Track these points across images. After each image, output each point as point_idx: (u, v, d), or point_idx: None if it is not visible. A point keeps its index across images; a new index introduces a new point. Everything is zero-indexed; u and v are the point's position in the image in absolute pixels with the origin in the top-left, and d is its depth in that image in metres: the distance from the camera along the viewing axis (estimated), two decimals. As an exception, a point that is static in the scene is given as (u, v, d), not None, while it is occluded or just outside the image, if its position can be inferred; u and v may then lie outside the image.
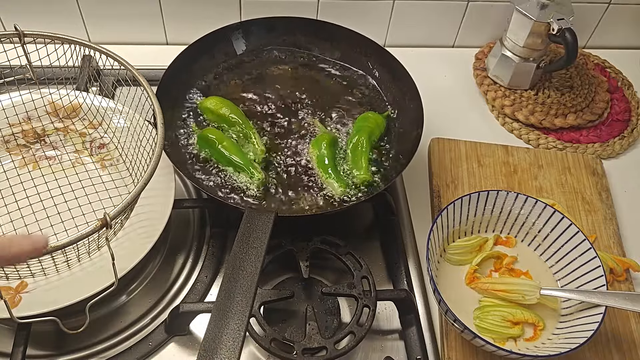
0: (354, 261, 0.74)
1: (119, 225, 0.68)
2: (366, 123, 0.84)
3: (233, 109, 0.84)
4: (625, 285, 0.81)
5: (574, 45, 0.92)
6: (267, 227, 0.64)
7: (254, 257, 0.61)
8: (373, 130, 0.84)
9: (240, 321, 0.55)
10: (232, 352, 0.53)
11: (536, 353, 0.68)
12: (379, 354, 0.73)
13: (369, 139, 0.82)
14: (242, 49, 0.95)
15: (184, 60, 0.87)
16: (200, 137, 0.82)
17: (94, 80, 0.90)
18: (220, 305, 0.57)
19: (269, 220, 0.65)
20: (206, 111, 0.85)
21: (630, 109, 1.05)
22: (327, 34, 0.94)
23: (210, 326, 0.55)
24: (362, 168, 0.80)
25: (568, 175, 0.92)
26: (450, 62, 1.10)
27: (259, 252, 0.61)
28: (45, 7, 1.00)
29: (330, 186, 0.79)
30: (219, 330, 0.55)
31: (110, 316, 0.73)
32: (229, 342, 0.54)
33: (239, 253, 0.61)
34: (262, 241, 0.63)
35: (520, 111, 1.01)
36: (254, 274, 0.59)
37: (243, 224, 0.65)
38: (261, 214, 0.66)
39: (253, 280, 0.59)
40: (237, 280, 0.59)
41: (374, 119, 0.85)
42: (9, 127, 0.82)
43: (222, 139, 0.81)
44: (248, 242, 0.63)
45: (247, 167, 0.78)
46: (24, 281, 0.68)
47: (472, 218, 0.80)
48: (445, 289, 0.75)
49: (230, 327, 0.55)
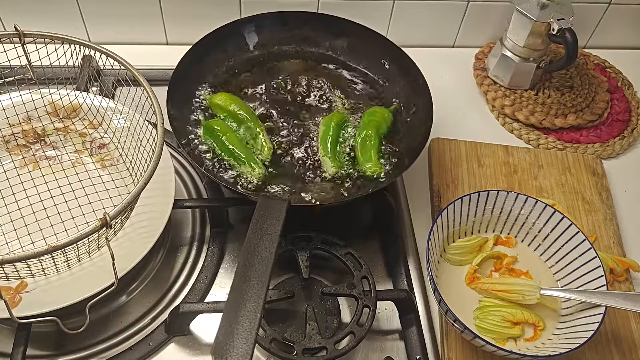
0: (354, 261, 0.74)
1: (119, 225, 0.68)
2: (373, 117, 0.86)
3: (242, 106, 0.85)
4: (625, 285, 0.81)
5: (574, 45, 0.92)
6: (281, 214, 0.66)
7: (268, 243, 0.63)
8: (380, 123, 0.85)
9: (256, 303, 0.57)
10: (249, 332, 0.55)
11: (536, 353, 0.68)
12: (379, 354, 0.73)
13: (377, 132, 0.84)
14: (253, 42, 0.95)
15: (195, 55, 0.87)
16: (205, 127, 0.83)
17: (94, 80, 0.90)
18: (236, 287, 0.58)
19: (282, 207, 0.66)
20: (215, 107, 0.86)
21: (630, 109, 1.05)
22: (338, 29, 0.95)
23: (227, 308, 0.57)
24: (372, 161, 0.81)
25: (568, 175, 0.92)
26: (450, 62, 1.10)
27: (273, 238, 0.63)
28: (45, 7, 1.00)
29: (324, 164, 0.81)
30: (236, 314, 0.56)
31: (110, 316, 0.73)
32: (246, 323, 0.55)
33: (254, 239, 0.63)
34: (276, 227, 0.64)
35: (521, 111, 1.01)
36: (268, 259, 0.61)
37: (257, 211, 0.66)
38: (275, 201, 0.68)
39: (268, 264, 0.60)
40: (252, 265, 0.60)
41: (380, 113, 0.86)
42: (9, 127, 0.82)
43: (227, 130, 0.82)
44: (262, 228, 0.64)
45: (248, 161, 0.79)
46: (24, 281, 0.68)
47: (472, 218, 0.80)
48: (445, 289, 0.75)
49: (247, 308, 0.56)
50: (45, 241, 0.71)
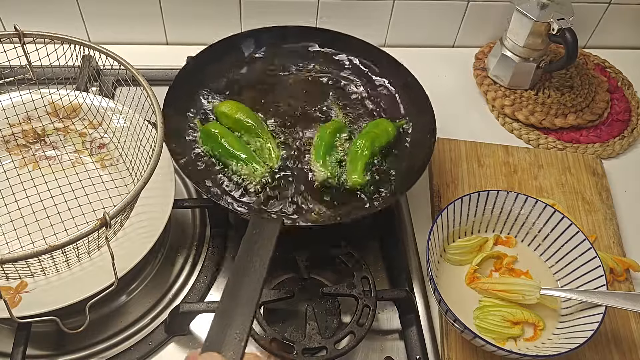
0: (354, 261, 0.74)
1: (119, 225, 0.68)
2: (374, 129, 0.83)
3: (249, 114, 0.83)
4: (625, 285, 0.81)
5: (574, 45, 0.92)
6: (273, 235, 0.63)
7: (258, 264, 0.59)
8: (379, 136, 0.82)
9: (244, 326, 0.53)
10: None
11: (536, 353, 0.68)
12: (379, 354, 0.73)
13: (371, 144, 0.81)
14: (253, 56, 0.93)
15: (195, 67, 0.86)
16: (203, 132, 0.81)
17: (94, 80, 0.90)
18: (223, 310, 0.55)
19: (275, 228, 0.64)
20: (221, 116, 0.83)
21: (630, 109, 1.05)
22: (342, 44, 0.93)
23: (211, 332, 0.53)
24: (357, 171, 0.78)
25: (568, 175, 0.92)
26: (450, 62, 1.10)
27: (263, 260, 0.60)
28: (45, 7, 1.00)
29: (315, 169, 0.79)
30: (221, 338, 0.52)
31: (110, 316, 0.73)
32: (229, 352, 0.51)
33: (244, 260, 0.60)
34: (268, 249, 0.61)
35: (520, 111, 1.01)
36: (258, 281, 0.58)
37: (249, 231, 0.63)
38: (267, 221, 0.66)
39: (257, 287, 0.57)
40: (241, 287, 0.57)
41: (384, 126, 0.83)
42: (9, 127, 0.82)
43: (226, 134, 0.80)
44: (253, 249, 0.61)
45: (249, 161, 0.78)
46: (24, 281, 0.68)
47: (472, 218, 0.80)
48: (445, 289, 0.75)
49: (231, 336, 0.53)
50: (45, 241, 0.71)
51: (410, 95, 0.89)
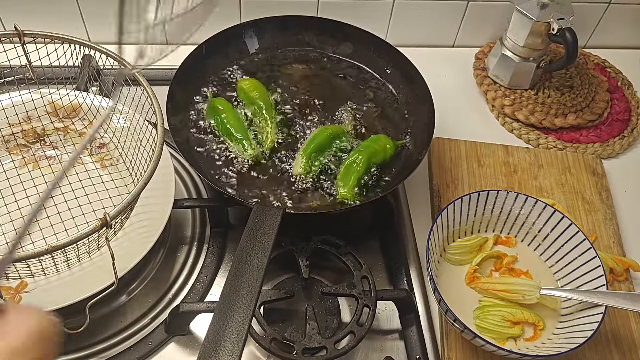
0: (354, 261, 0.74)
1: (119, 225, 0.68)
2: (373, 144, 0.82)
3: (262, 96, 0.86)
4: (625, 285, 0.81)
5: (574, 45, 0.92)
6: (275, 223, 0.65)
7: (260, 253, 0.62)
8: (377, 152, 0.81)
9: (245, 315, 0.56)
10: (235, 345, 0.54)
11: (536, 353, 0.68)
12: (379, 354, 0.73)
13: (368, 159, 0.80)
14: (255, 47, 0.95)
15: (195, 59, 0.87)
16: (209, 104, 0.85)
17: (94, 80, 0.90)
18: (225, 298, 0.57)
19: (277, 216, 0.66)
20: (240, 91, 0.88)
21: (630, 109, 1.05)
22: (342, 35, 0.95)
23: (214, 318, 0.56)
24: (348, 185, 0.78)
25: (568, 175, 0.92)
26: (450, 62, 1.10)
27: (265, 248, 0.62)
28: (45, 7, 1.00)
29: (295, 163, 0.81)
30: (224, 323, 0.55)
31: (110, 316, 0.73)
32: (233, 335, 0.54)
33: (246, 248, 0.62)
34: (270, 237, 0.63)
35: (520, 111, 1.01)
36: (260, 269, 0.60)
37: (251, 219, 0.65)
38: (269, 209, 0.67)
39: (259, 275, 0.60)
40: (243, 274, 0.59)
41: (383, 143, 0.82)
42: (9, 127, 0.82)
43: (228, 110, 0.83)
44: (255, 237, 0.63)
45: (241, 141, 0.81)
46: (24, 281, 0.68)
47: (472, 218, 0.80)
48: (445, 288, 0.75)
49: (234, 320, 0.56)
50: (45, 241, 0.71)
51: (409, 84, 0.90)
